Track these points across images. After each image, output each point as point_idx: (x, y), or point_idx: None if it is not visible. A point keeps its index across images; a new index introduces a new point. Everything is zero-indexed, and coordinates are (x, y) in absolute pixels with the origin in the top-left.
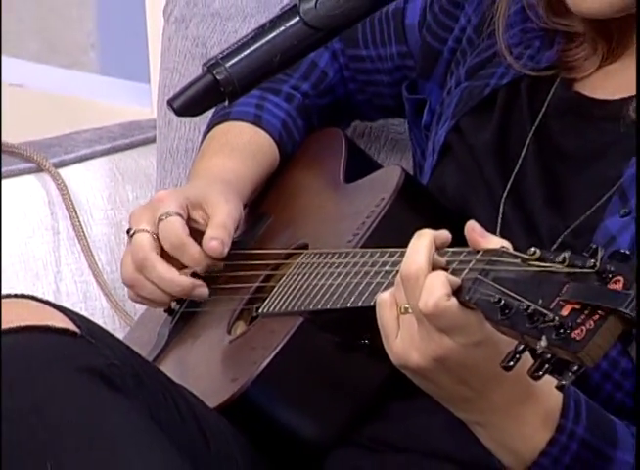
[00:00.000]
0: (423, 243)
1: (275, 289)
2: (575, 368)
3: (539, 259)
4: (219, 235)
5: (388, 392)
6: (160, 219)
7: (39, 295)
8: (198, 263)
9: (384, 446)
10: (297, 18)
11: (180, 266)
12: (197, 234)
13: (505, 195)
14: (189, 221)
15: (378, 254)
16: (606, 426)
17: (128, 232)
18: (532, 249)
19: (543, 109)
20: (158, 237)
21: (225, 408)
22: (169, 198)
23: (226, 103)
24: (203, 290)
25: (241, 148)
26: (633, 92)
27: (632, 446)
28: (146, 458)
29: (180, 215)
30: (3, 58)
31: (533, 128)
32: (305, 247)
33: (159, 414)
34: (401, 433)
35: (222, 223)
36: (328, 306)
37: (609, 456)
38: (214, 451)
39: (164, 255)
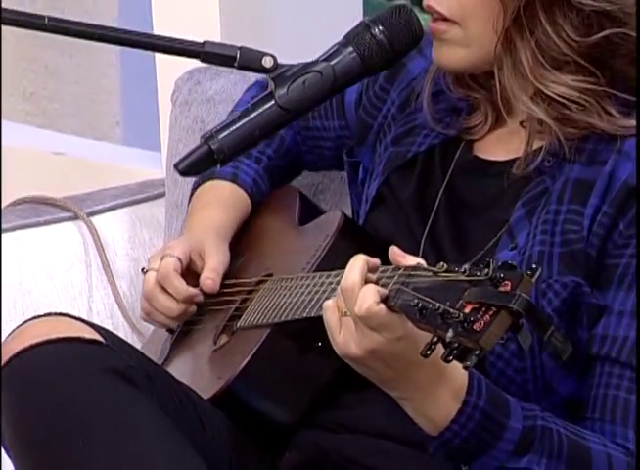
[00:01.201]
0: (358, 263)
1: (249, 308)
2: (477, 353)
3: (446, 271)
4: (212, 276)
5: (340, 384)
6: (162, 259)
7: (75, 313)
8: (178, 293)
9: (339, 427)
10: (273, 101)
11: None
12: (195, 275)
13: (424, 236)
14: (191, 264)
15: (325, 276)
16: (501, 401)
17: (143, 270)
18: (441, 263)
19: (450, 169)
20: None
21: (214, 399)
22: (176, 246)
23: (218, 167)
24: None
25: (223, 201)
26: (516, 155)
27: (520, 415)
28: (156, 437)
29: (179, 259)
30: (50, 132)
31: (444, 184)
32: (271, 275)
33: (165, 404)
34: (352, 418)
35: (215, 268)
36: (289, 318)
37: (503, 423)
38: (208, 432)
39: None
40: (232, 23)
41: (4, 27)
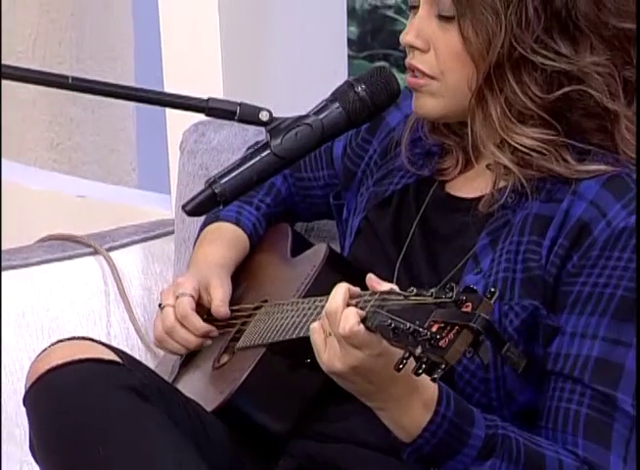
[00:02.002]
0: (340, 290)
1: (247, 330)
2: (443, 366)
3: (416, 295)
4: (223, 305)
5: (326, 400)
6: (177, 296)
7: (96, 337)
8: (196, 329)
9: (326, 438)
10: (269, 150)
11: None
12: (202, 306)
13: (399, 263)
14: (199, 299)
15: (312, 301)
16: (467, 411)
17: (160, 305)
18: (411, 288)
19: (425, 204)
20: None
21: (216, 411)
22: (186, 282)
23: (221, 207)
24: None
25: (227, 240)
26: (482, 193)
27: (483, 425)
28: (166, 444)
29: (192, 296)
30: (74, 178)
31: (418, 217)
32: (267, 301)
33: (174, 415)
34: (337, 429)
35: (222, 299)
36: (281, 339)
37: (468, 431)
38: (211, 440)
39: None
40: (233, 82)
41: (34, 87)
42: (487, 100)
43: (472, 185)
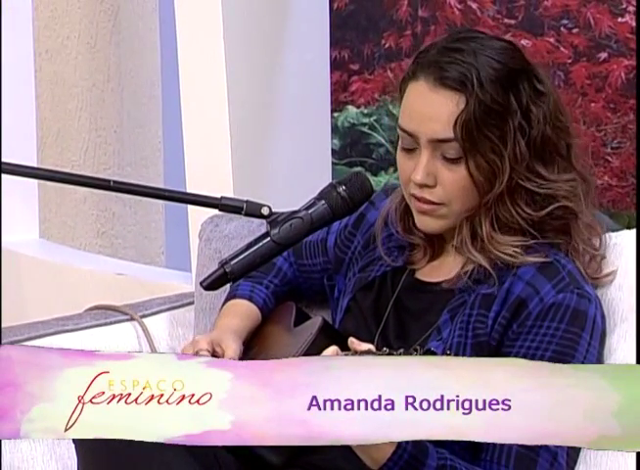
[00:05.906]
0: (329, 351)
1: None
2: None
3: (388, 354)
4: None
5: None
6: (197, 352)
7: None
8: None
9: (314, 467)
10: (269, 238)
11: None
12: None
13: (378, 334)
14: (214, 352)
15: None
16: (422, 446)
17: None
18: (385, 348)
19: (398, 287)
20: None
21: (227, 446)
22: (202, 340)
23: (230, 284)
24: None
25: (240, 312)
26: (444, 278)
27: (435, 457)
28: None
29: (208, 350)
30: (115, 259)
31: (393, 298)
32: None
33: (193, 450)
34: (322, 460)
35: (232, 355)
36: None
37: (423, 462)
38: (223, 466)
39: None
40: (240, 184)
41: (85, 188)
42: (480, 218)
43: (436, 272)
